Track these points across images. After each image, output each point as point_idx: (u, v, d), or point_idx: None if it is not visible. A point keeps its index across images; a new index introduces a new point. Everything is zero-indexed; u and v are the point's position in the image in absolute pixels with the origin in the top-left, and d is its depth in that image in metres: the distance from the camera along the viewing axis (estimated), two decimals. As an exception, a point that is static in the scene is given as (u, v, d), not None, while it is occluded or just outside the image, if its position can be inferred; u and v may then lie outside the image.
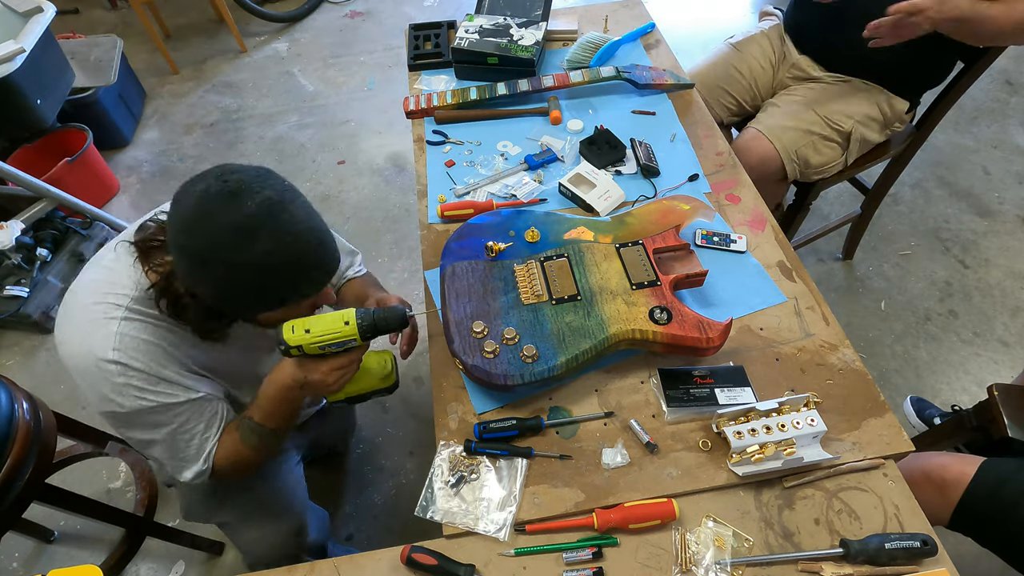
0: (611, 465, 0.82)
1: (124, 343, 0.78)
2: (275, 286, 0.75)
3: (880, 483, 0.80)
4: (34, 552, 1.53)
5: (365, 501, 1.55)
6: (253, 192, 0.70)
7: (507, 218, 1.02)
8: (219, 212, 0.69)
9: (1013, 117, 2.41)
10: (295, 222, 0.72)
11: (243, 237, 0.69)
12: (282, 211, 0.71)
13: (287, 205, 0.72)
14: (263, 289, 0.75)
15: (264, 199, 0.70)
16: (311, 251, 0.75)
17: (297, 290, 0.78)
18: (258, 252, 0.70)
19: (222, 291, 0.74)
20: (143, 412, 0.81)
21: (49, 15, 1.82)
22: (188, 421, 0.85)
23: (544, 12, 1.46)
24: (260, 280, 0.73)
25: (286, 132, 2.62)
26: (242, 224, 0.68)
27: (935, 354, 1.76)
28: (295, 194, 0.75)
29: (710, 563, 0.74)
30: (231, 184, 0.70)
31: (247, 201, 0.69)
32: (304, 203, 0.75)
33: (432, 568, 0.75)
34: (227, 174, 0.71)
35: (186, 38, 3.16)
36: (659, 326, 0.86)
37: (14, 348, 1.95)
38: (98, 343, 0.78)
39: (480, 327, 0.87)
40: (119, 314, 0.79)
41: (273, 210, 0.70)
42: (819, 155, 1.44)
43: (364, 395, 0.93)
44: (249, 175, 0.71)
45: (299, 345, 0.77)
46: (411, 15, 3.19)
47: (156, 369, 0.81)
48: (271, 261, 0.71)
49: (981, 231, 2.05)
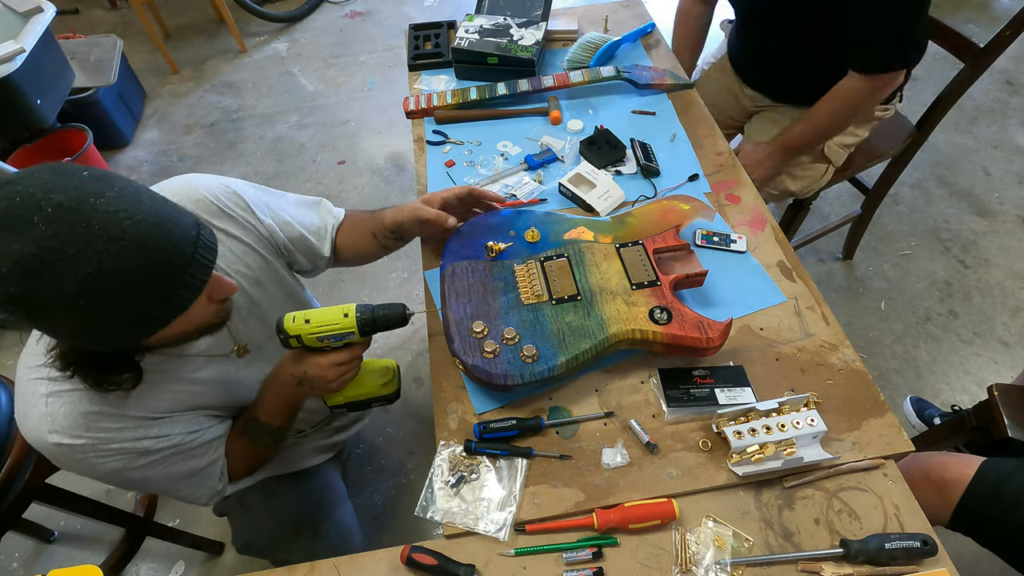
0: (611, 465, 0.82)
1: (58, 423, 0.69)
2: (135, 308, 0.59)
3: (880, 483, 0.80)
4: (34, 552, 1.53)
5: (365, 501, 1.55)
6: (36, 204, 0.52)
7: (507, 218, 1.02)
8: (2, 248, 0.52)
9: (1013, 117, 2.42)
10: (113, 222, 0.54)
11: (44, 271, 0.52)
12: (89, 215, 0.53)
13: (94, 204, 0.54)
14: (118, 317, 0.58)
15: (55, 209, 0.52)
16: (157, 249, 0.58)
17: (168, 301, 0.61)
18: (77, 281, 0.53)
19: (70, 335, 0.60)
20: (122, 471, 0.75)
21: (49, 15, 1.82)
22: (176, 463, 0.80)
23: (544, 12, 1.46)
24: (105, 309, 0.56)
25: (286, 132, 2.62)
26: (34, 255, 0.51)
27: (935, 354, 1.76)
28: (106, 183, 0.56)
29: (710, 563, 0.74)
30: (2, 202, 0.52)
31: (32, 218, 0.51)
32: (121, 191, 0.57)
33: (432, 568, 0.74)
34: None
35: (186, 38, 3.17)
36: (659, 326, 0.86)
37: (14, 348, 1.95)
38: (35, 429, 0.70)
39: (480, 327, 0.87)
40: (43, 390, 0.69)
41: (73, 219, 0.53)
42: (798, 181, 1.46)
43: (364, 401, 0.91)
44: (29, 183, 0.53)
45: (298, 335, 0.76)
46: (411, 15, 3.20)
47: (107, 437, 0.72)
48: (104, 284, 0.54)
49: (981, 231, 2.05)
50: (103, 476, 0.76)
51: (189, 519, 1.55)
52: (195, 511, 1.55)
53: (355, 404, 0.91)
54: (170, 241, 0.59)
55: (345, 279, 2.07)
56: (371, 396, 0.91)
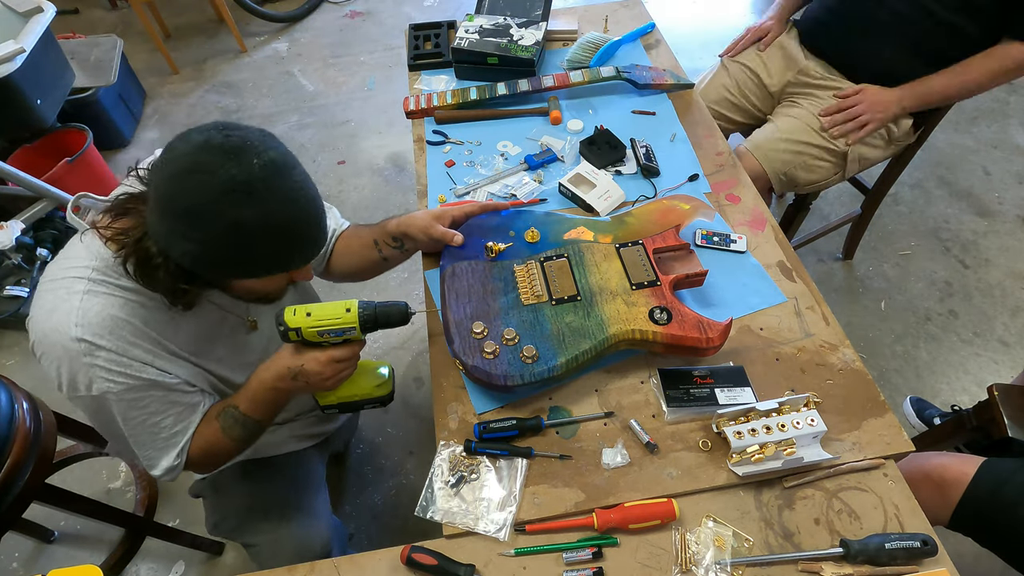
0: (611, 465, 0.82)
1: (87, 318, 0.72)
2: (262, 254, 0.71)
3: (880, 483, 0.80)
4: (34, 552, 1.53)
5: (365, 501, 1.55)
6: (258, 151, 0.66)
7: (507, 218, 1.02)
8: (219, 165, 0.64)
9: (1013, 117, 2.42)
10: (295, 189, 0.69)
11: (241, 195, 0.65)
12: (285, 176, 0.68)
13: (290, 170, 0.69)
14: (249, 254, 0.71)
15: (269, 160, 0.66)
16: (306, 222, 0.72)
17: (282, 262, 0.74)
18: (253, 214, 0.66)
19: (205, 250, 0.69)
20: (111, 397, 0.76)
21: (49, 15, 1.81)
22: (157, 412, 0.80)
23: (544, 12, 1.46)
24: (248, 244, 0.69)
25: (286, 132, 2.62)
26: (243, 181, 0.65)
27: (935, 354, 1.76)
28: (297, 161, 0.72)
29: (710, 563, 0.74)
30: (234, 139, 0.66)
31: (252, 159, 0.65)
32: (305, 172, 0.72)
33: (432, 568, 0.74)
34: (230, 129, 0.67)
35: (186, 38, 3.16)
36: (659, 326, 0.86)
37: (14, 348, 1.95)
38: (60, 321, 0.72)
39: (480, 328, 0.87)
40: (81, 287, 0.73)
41: (276, 173, 0.67)
42: (810, 173, 1.44)
43: (357, 402, 0.89)
44: (254, 134, 0.68)
45: (298, 328, 0.76)
46: (411, 15, 3.19)
47: (124, 348, 0.75)
48: (264, 226, 0.67)
49: (981, 231, 2.05)
50: (92, 397, 0.76)
51: (189, 519, 1.55)
52: (195, 511, 1.55)
53: (347, 405, 0.89)
54: (316, 224, 0.74)
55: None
56: (364, 397, 0.89)
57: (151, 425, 0.81)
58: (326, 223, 0.76)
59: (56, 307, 0.73)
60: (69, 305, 0.72)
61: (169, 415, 0.82)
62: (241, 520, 1.03)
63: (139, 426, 0.80)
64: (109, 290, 0.75)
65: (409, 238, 0.99)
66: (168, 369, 0.81)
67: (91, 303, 0.73)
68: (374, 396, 0.89)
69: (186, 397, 0.84)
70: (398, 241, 1.00)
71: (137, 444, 0.82)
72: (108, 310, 0.74)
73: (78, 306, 0.72)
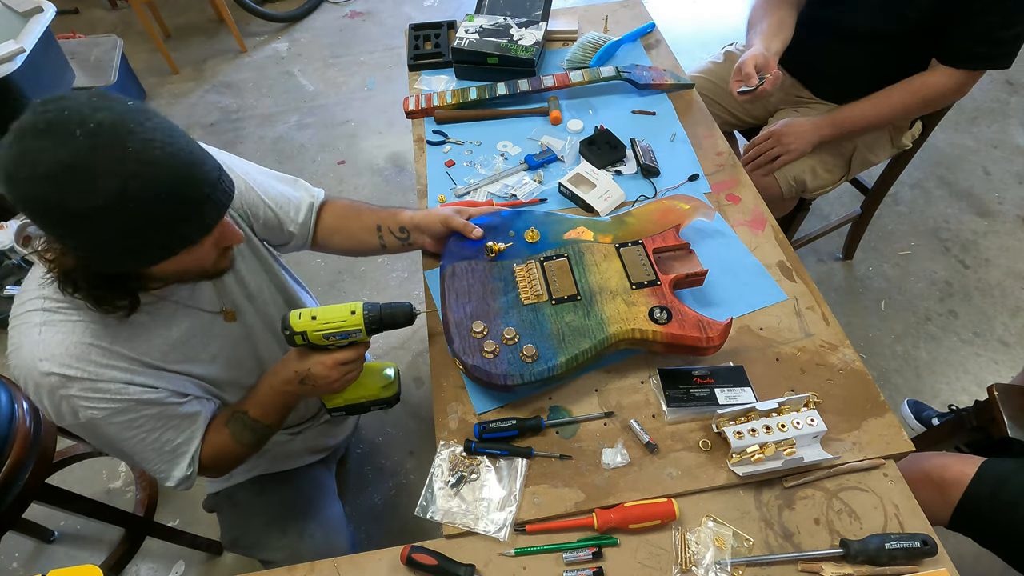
0: (611, 465, 0.82)
1: (50, 350, 0.69)
2: (147, 234, 0.62)
3: (880, 483, 0.80)
4: (34, 552, 1.53)
5: (365, 501, 1.55)
6: (82, 120, 0.56)
7: (507, 218, 1.02)
8: (39, 150, 0.55)
9: (1013, 117, 2.42)
10: (148, 148, 0.58)
11: (75, 178, 0.56)
12: (126, 137, 0.57)
13: (132, 128, 0.58)
14: (133, 239, 0.62)
15: (97, 126, 0.56)
16: (180, 181, 0.61)
17: (179, 233, 0.64)
18: (103, 195, 0.57)
19: (87, 248, 0.62)
20: (100, 423, 0.73)
21: (49, 15, 1.82)
22: (155, 429, 0.78)
23: (544, 12, 1.46)
24: (123, 229, 0.60)
25: (286, 132, 2.62)
26: (70, 162, 0.55)
27: (935, 354, 1.76)
28: (145, 114, 0.60)
29: (710, 563, 0.74)
30: (51, 113, 0.56)
31: (74, 131, 0.56)
32: (160, 124, 0.61)
33: (432, 568, 0.74)
34: (48, 103, 0.57)
35: (186, 38, 3.16)
36: (659, 326, 0.86)
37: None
38: (26, 358, 0.69)
39: (480, 327, 0.87)
40: (38, 319, 0.70)
41: (112, 138, 0.57)
42: (817, 179, 1.44)
43: (364, 404, 0.90)
44: (77, 99, 0.58)
45: (304, 332, 0.76)
46: (411, 15, 3.20)
47: (97, 372, 0.71)
48: (127, 204, 0.58)
49: (981, 231, 2.05)
50: (82, 425, 0.73)
51: (189, 519, 1.55)
52: (195, 511, 1.55)
53: (354, 407, 0.90)
54: (193, 176, 0.63)
55: (345, 279, 2.07)
56: (371, 399, 0.90)
57: (152, 442, 0.79)
58: (215, 173, 0.66)
59: (20, 343, 0.71)
60: (31, 340, 0.69)
61: (168, 429, 0.80)
62: (259, 536, 1.02)
63: (139, 444, 0.78)
64: (65, 316, 0.71)
65: (422, 231, 0.98)
66: (151, 383, 0.77)
67: (50, 334, 0.69)
68: (381, 397, 0.90)
69: (180, 408, 0.81)
70: (405, 232, 0.99)
71: (143, 461, 0.81)
72: (69, 338, 0.70)
73: (38, 339, 0.69)
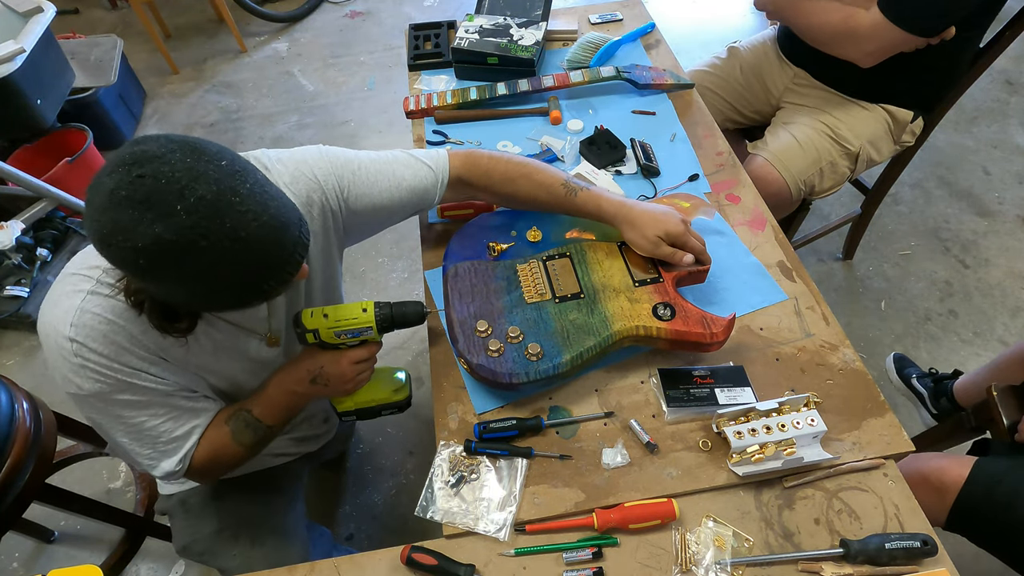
0: (611, 465, 0.82)
1: (83, 320, 0.70)
2: (227, 297, 0.65)
3: (880, 483, 0.80)
4: (34, 552, 1.53)
5: (365, 501, 1.55)
6: (181, 193, 0.55)
7: (509, 218, 1.02)
8: (138, 224, 0.55)
9: (1013, 117, 2.41)
10: (243, 224, 0.58)
11: (176, 253, 0.56)
12: (225, 212, 0.57)
13: (231, 200, 0.57)
14: (214, 299, 0.65)
15: (197, 201, 0.55)
16: (269, 251, 0.62)
17: (260, 290, 0.66)
18: (196, 267, 0.58)
19: (165, 295, 0.65)
20: (104, 396, 0.74)
21: (49, 15, 1.82)
22: (155, 416, 0.77)
23: (544, 12, 1.46)
24: (208, 292, 0.63)
25: (286, 132, 2.62)
26: (171, 240, 0.55)
27: (935, 354, 1.76)
28: (241, 180, 0.59)
29: (710, 563, 0.74)
30: (147, 183, 0.55)
31: (175, 205, 0.55)
32: (252, 189, 0.60)
33: (432, 568, 0.75)
34: (141, 164, 0.55)
35: (186, 38, 3.16)
36: (663, 322, 0.86)
37: (14, 348, 1.95)
38: (59, 318, 0.71)
39: (484, 326, 0.87)
40: (86, 287, 0.71)
41: (212, 214, 0.56)
42: (825, 181, 1.43)
43: (374, 408, 0.90)
44: (175, 166, 0.56)
45: (316, 329, 0.77)
46: (411, 15, 3.19)
47: (116, 353, 0.72)
48: (217, 275, 0.60)
49: (981, 231, 2.05)
50: (84, 397, 0.74)
51: (189, 519, 1.55)
52: (195, 511, 1.55)
53: (365, 411, 0.90)
54: (282, 245, 0.64)
55: (345, 279, 2.06)
56: (382, 403, 0.90)
57: (149, 429, 0.78)
58: (298, 230, 0.66)
59: (58, 302, 0.72)
60: (70, 303, 0.71)
61: (168, 420, 0.79)
62: (210, 543, 0.98)
63: (135, 428, 0.77)
64: (112, 293, 0.72)
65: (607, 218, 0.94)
66: (165, 376, 0.77)
67: (91, 304, 0.71)
68: (392, 401, 0.91)
69: (187, 403, 0.80)
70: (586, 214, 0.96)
71: (136, 445, 0.79)
72: (106, 313, 0.71)
73: (78, 305, 0.70)
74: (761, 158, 1.41)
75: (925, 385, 1.57)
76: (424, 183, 0.91)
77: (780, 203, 1.41)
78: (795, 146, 1.40)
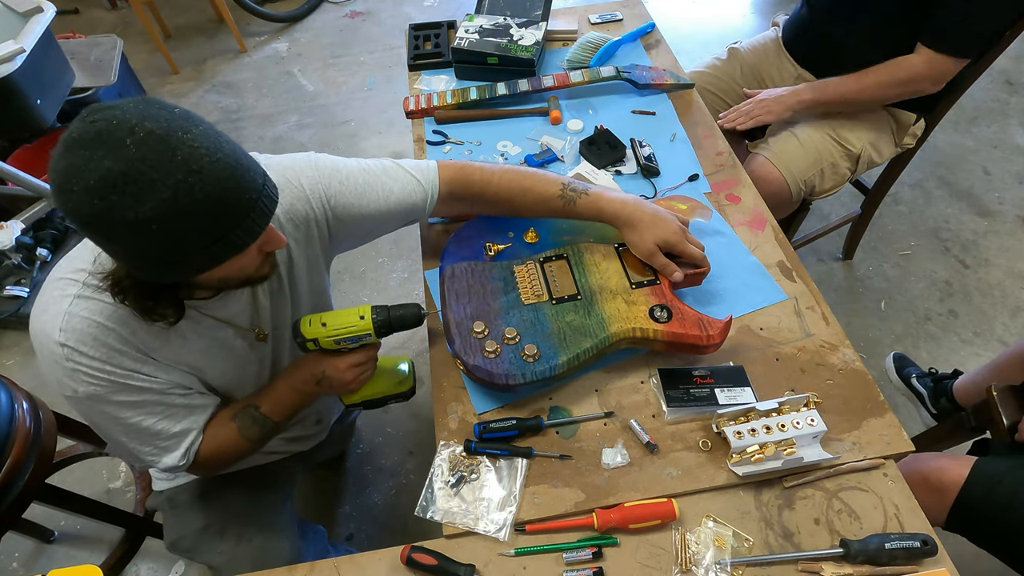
0: (611, 465, 0.82)
1: (72, 324, 0.70)
2: (198, 241, 0.62)
3: (880, 483, 0.80)
4: (34, 552, 1.53)
5: (365, 501, 1.55)
6: (131, 129, 0.56)
7: (506, 219, 1.02)
8: (90, 161, 0.56)
9: (1013, 117, 2.41)
10: (195, 157, 0.58)
11: (127, 189, 0.56)
12: (175, 146, 0.57)
13: (181, 136, 0.58)
14: (178, 250, 0.62)
15: (147, 135, 0.56)
16: (228, 189, 0.61)
17: (228, 240, 0.63)
18: (154, 205, 0.57)
19: (132, 258, 0.63)
20: (99, 398, 0.74)
21: (49, 15, 1.81)
22: (152, 414, 0.78)
23: (544, 12, 1.46)
24: (170, 238, 0.60)
25: (286, 132, 2.62)
26: (121, 172, 0.55)
27: (935, 354, 1.76)
28: (192, 121, 0.60)
29: (710, 563, 0.74)
30: (99, 123, 0.56)
31: (124, 139, 0.56)
32: (205, 131, 0.61)
33: (432, 568, 0.74)
34: (96, 112, 0.58)
35: (186, 38, 3.16)
36: (660, 324, 0.86)
37: (14, 348, 1.95)
38: (49, 323, 0.70)
39: (481, 327, 0.87)
40: (73, 291, 0.71)
41: (161, 147, 0.57)
42: (826, 181, 1.43)
43: (380, 399, 0.93)
44: (125, 108, 0.58)
45: (315, 338, 0.78)
46: (411, 15, 3.19)
47: (108, 355, 0.72)
48: (175, 213, 0.58)
49: (981, 231, 2.05)
50: (80, 400, 0.74)
51: (189, 519, 1.55)
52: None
53: (371, 402, 0.93)
54: (239, 184, 0.62)
55: (345, 279, 2.07)
56: (386, 394, 0.93)
57: (147, 427, 0.78)
58: (260, 179, 0.65)
59: (47, 307, 0.72)
60: (58, 308, 0.71)
61: (164, 418, 0.79)
62: (197, 540, 0.98)
63: (134, 427, 0.78)
64: (99, 297, 0.71)
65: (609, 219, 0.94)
66: (157, 375, 0.78)
67: (79, 308, 0.71)
68: (395, 392, 0.94)
69: (182, 400, 0.81)
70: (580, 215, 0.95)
71: (138, 442, 0.80)
72: (94, 316, 0.71)
73: (66, 309, 0.70)
74: (762, 157, 1.41)
75: (925, 385, 1.58)
76: (412, 198, 0.91)
77: (780, 203, 1.42)
78: (796, 146, 1.40)
